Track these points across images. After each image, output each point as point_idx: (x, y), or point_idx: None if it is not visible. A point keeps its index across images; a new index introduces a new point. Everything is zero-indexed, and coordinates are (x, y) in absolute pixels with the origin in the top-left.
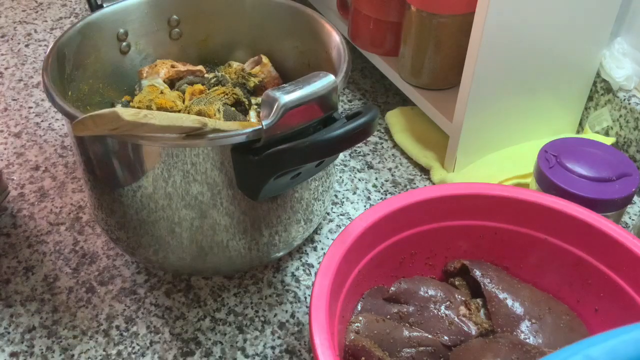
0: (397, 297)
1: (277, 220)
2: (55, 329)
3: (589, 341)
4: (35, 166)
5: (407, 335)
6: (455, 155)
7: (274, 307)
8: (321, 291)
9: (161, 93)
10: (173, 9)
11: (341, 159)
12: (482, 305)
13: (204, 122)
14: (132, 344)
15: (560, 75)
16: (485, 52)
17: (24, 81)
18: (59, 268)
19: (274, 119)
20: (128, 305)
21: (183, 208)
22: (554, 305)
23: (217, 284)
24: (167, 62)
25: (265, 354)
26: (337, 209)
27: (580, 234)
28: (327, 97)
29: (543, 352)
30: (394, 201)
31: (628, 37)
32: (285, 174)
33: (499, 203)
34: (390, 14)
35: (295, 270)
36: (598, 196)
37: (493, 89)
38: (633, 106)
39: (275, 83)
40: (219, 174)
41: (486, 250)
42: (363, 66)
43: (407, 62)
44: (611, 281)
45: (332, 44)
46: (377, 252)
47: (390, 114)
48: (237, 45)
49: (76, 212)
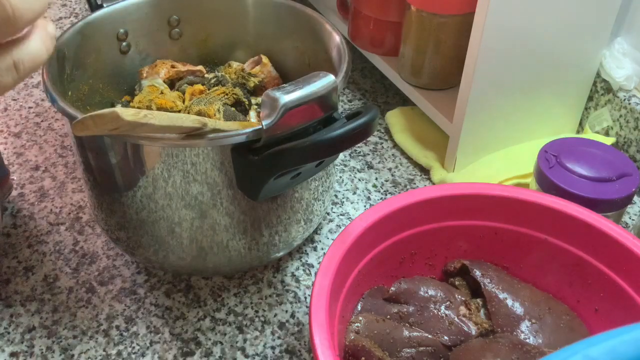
0: (397, 297)
1: (277, 220)
2: (55, 329)
3: (589, 341)
4: (35, 166)
5: (407, 335)
6: (455, 155)
7: (274, 307)
8: (321, 291)
9: (161, 93)
10: (173, 9)
11: (341, 159)
12: (482, 305)
13: (204, 122)
14: (132, 344)
15: (560, 75)
16: (485, 52)
17: (24, 81)
18: (59, 268)
19: (274, 119)
20: (128, 305)
21: (183, 208)
22: (554, 305)
23: (217, 284)
24: (167, 62)
25: (265, 354)
26: (337, 209)
27: (580, 234)
28: (327, 97)
29: (543, 352)
30: (394, 201)
31: (628, 37)
32: (285, 174)
33: (499, 203)
34: (390, 14)
35: (295, 270)
36: (598, 196)
37: (493, 89)
38: (633, 106)
39: (275, 83)
40: (219, 174)
41: (486, 250)
42: (363, 66)
43: (407, 62)
44: (611, 281)
45: (332, 44)
46: (377, 252)
47: (390, 114)
48: (237, 45)
49: (76, 212)
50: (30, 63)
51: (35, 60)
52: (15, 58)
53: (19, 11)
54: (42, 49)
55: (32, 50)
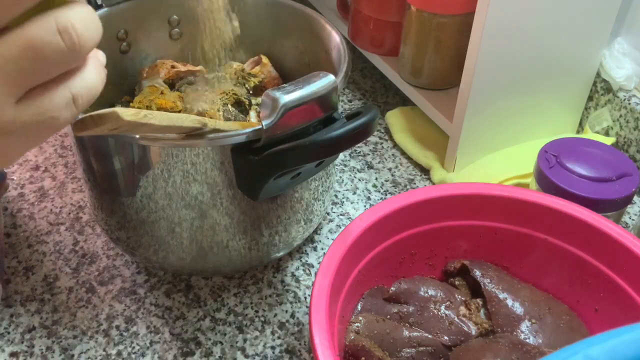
0: (397, 297)
1: (277, 220)
2: (55, 329)
3: (589, 341)
4: (35, 166)
5: (407, 335)
6: (455, 155)
7: (274, 307)
8: (321, 291)
9: (161, 93)
10: (173, 9)
11: (341, 159)
12: (482, 305)
13: (204, 122)
14: (132, 344)
15: (560, 75)
16: (485, 52)
17: None
18: (59, 268)
19: (274, 119)
20: (128, 305)
21: (183, 208)
22: (554, 305)
23: (217, 284)
24: (167, 63)
25: (265, 354)
26: (337, 209)
27: (580, 234)
28: (327, 97)
29: (543, 352)
30: (394, 201)
31: (628, 37)
32: (285, 174)
33: (499, 203)
34: (390, 14)
35: (295, 270)
36: (598, 196)
37: (493, 89)
38: (633, 106)
39: (275, 83)
40: (219, 174)
41: (486, 250)
42: (363, 66)
43: (407, 62)
44: (611, 281)
45: (332, 44)
46: (377, 252)
47: (390, 114)
48: (237, 45)
49: (76, 212)
50: (87, 97)
51: (91, 93)
52: (74, 91)
53: (83, 38)
54: (99, 80)
55: (89, 81)
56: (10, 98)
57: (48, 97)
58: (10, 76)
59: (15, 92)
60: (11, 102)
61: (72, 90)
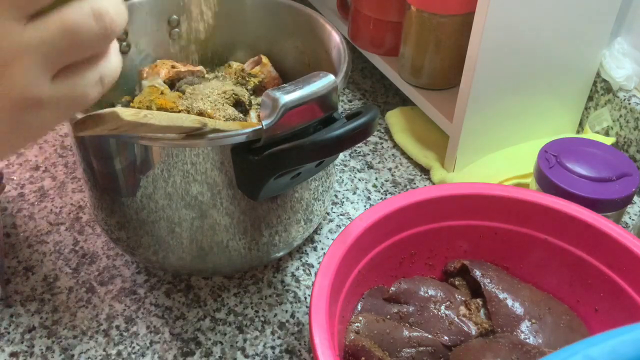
0: (397, 297)
1: (277, 220)
2: (55, 329)
3: (589, 341)
4: (35, 166)
5: (407, 335)
6: (455, 155)
7: (274, 307)
8: (321, 291)
9: (161, 94)
10: (173, 9)
11: (341, 159)
12: (482, 305)
13: (204, 122)
14: (132, 344)
15: (560, 75)
16: (485, 52)
17: None
18: (59, 268)
19: (274, 119)
20: (128, 305)
21: (183, 208)
22: (554, 305)
23: (217, 284)
24: (167, 63)
25: (265, 354)
26: (337, 209)
27: (580, 234)
28: (327, 97)
29: (543, 352)
30: (394, 201)
31: (628, 37)
32: (285, 174)
33: (499, 203)
34: (390, 14)
35: (295, 270)
36: (598, 196)
37: (493, 89)
38: (633, 106)
39: (275, 83)
40: (219, 174)
41: (486, 250)
42: (363, 66)
43: (407, 62)
44: (611, 281)
45: (332, 44)
46: (377, 252)
47: (390, 114)
48: (237, 45)
49: (76, 212)
50: (110, 78)
51: (114, 75)
52: (102, 71)
53: (114, 24)
54: (119, 64)
55: (113, 64)
56: (47, 75)
57: (80, 75)
58: (48, 55)
59: (51, 69)
60: (48, 78)
61: (100, 71)
